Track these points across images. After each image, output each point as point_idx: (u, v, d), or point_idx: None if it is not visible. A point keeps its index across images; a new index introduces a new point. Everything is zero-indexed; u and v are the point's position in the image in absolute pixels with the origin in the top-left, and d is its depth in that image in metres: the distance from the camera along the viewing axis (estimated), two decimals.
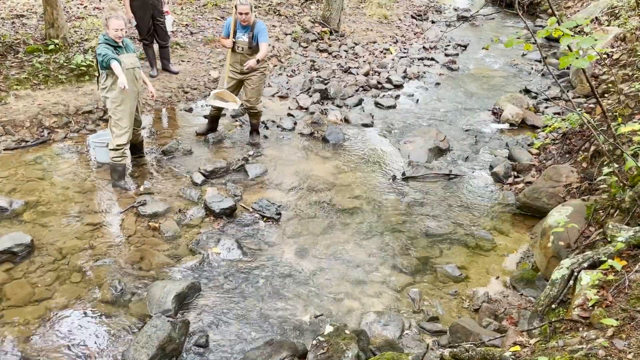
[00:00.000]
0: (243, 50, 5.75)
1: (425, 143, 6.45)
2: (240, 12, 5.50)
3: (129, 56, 4.89)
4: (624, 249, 3.13)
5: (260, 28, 5.69)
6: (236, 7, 5.50)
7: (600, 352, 2.35)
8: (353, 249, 4.59)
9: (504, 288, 4.19)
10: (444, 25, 12.72)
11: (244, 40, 5.71)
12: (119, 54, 4.76)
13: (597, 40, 2.93)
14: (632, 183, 3.89)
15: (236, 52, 5.79)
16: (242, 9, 5.49)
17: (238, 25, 5.66)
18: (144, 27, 7.40)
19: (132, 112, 5.03)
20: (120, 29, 4.71)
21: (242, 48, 5.74)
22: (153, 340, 3.18)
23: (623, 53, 7.81)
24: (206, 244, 4.50)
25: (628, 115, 5.39)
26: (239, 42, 5.72)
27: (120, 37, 4.75)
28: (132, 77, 4.89)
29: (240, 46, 5.74)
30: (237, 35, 5.70)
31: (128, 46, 4.95)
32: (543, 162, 6.03)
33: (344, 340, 3.15)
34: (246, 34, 5.69)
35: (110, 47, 4.72)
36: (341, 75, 9.03)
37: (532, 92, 8.60)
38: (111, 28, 4.68)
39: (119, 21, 4.69)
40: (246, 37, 5.69)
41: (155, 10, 7.30)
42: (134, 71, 4.93)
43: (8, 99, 6.37)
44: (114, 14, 4.73)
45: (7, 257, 4.06)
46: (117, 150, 5.04)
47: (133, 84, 4.90)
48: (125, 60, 4.80)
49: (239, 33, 5.70)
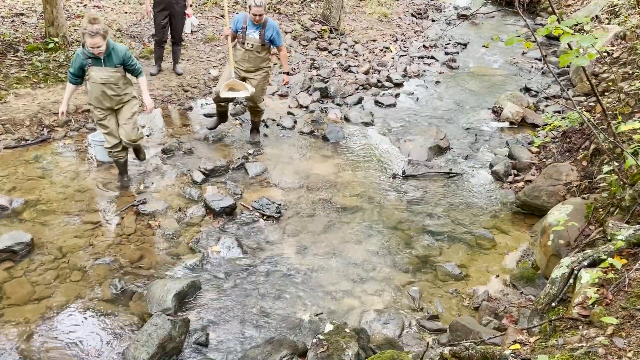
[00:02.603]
0: (253, 47, 5.68)
1: (425, 141, 6.45)
2: (254, 13, 5.42)
3: (102, 70, 4.54)
4: (623, 248, 3.13)
5: (272, 26, 5.64)
6: (250, 7, 5.43)
7: (600, 350, 2.35)
8: (353, 248, 4.59)
9: (504, 286, 4.20)
10: (444, 23, 12.70)
11: (255, 37, 5.64)
12: (92, 65, 4.51)
13: (597, 39, 2.93)
14: (632, 181, 3.89)
15: (245, 49, 5.71)
16: (256, 10, 5.41)
17: (249, 22, 5.60)
18: (157, 24, 7.34)
19: (107, 124, 4.84)
20: (97, 47, 4.33)
21: (252, 45, 5.67)
22: (153, 339, 3.19)
23: (623, 51, 7.81)
24: (206, 242, 4.51)
25: (628, 114, 5.39)
26: (249, 39, 5.65)
27: (100, 54, 4.41)
28: (101, 92, 4.62)
29: (251, 43, 5.66)
30: (248, 32, 5.63)
31: (111, 59, 4.55)
32: (543, 160, 6.03)
33: (344, 339, 3.15)
34: (257, 31, 5.62)
35: (83, 59, 4.48)
36: (341, 73, 9.03)
37: (532, 91, 8.59)
38: (87, 45, 4.36)
39: (93, 39, 4.26)
40: (257, 34, 5.63)
41: (172, 9, 7.19)
42: (104, 86, 4.60)
43: (8, 97, 6.36)
44: (89, 29, 4.24)
45: (7, 255, 4.06)
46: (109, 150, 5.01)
47: (100, 99, 4.67)
48: (95, 74, 4.53)
49: (250, 30, 5.63)
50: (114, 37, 8.59)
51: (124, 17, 9.70)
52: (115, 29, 8.98)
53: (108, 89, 4.64)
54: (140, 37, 8.98)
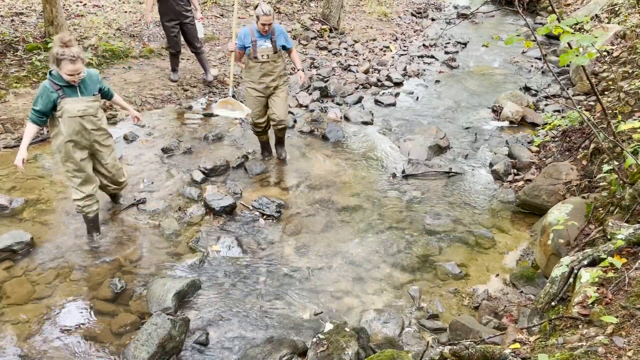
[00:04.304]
0: (269, 57, 5.34)
1: (425, 141, 6.45)
2: (263, 22, 5.11)
3: (78, 101, 3.89)
4: (623, 247, 3.13)
5: (280, 32, 5.38)
6: (258, 17, 5.12)
7: (599, 349, 2.35)
8: (353, 247, 4.59)
9: (503, 286, 4.20)
10: (443, 22, 12.70)
11: (268, 47, 5.31)
12: (65, 96, 3.83)
13: (597, 38, 2.93)
14: (632, 180, 3.89)
15: (261, 62, 5.34)
16: (265, 20, 5.09)
17: (257, 34, 5.28)
18: (169, 37, 7.29)
19: (85, 169, 4.15)
20: (77, 74, 3.76)
21: (267, 56, 5.33)
22: (153, 338, 3.19)
23: (623, 50, 7.80)
24: (206, 242, 4.51)
25: (628, 113, 5.39)
26: (261, 50, 5.30)
27: (75, 81, 3.81)
28: (79, 127, 3.94)
29: (265, 54, 5.32)
30: (259, 44, 5.28)
31: (87, 86, 3.94)
32: (543, 159, 6.03)
33: (344, 338, 3.15)
34: (268, 40, 5.31)
35: (53, 91, 3.79)
36: (341, 73, 9.03)
37: (532, 90, 8.59)
38: (64, 72, 3.72)
39: (75, 65, 3.70)
40: (269, 43, 5.31)
41: (181, 18, 7.11)
42: (82, 120, 3.93)
43: (7, 96, 6.36)
44: (68, 54, 3.65)
45: (7, 255, 4.07)
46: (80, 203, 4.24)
47: (80, 135, 3.97)
48: (70, 107, 3.85)
49: (260, 41, 5.29)
50: (114, 37, 8.59)
51: (124, 16, 9.69)
52: (115, 28, 8.98)
53: (87, 122, 3.97)
54: (140, 37, 8.98)
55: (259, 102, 5.52)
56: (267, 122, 5.76)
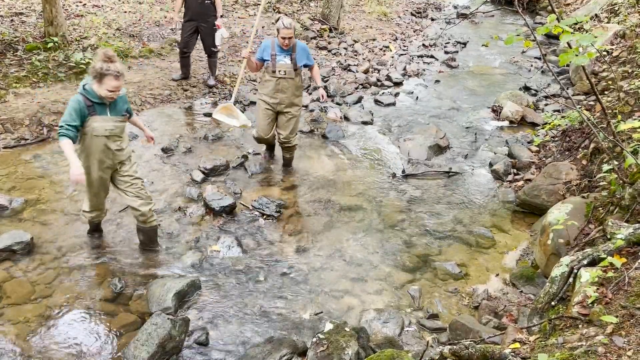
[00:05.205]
0: (286, 74, 5.18)
1: (424, 140, 6.45)
2: (283, 36, 4.97)
3: (107, 120, 3.74)
4: (623, 247, 3.13)
5: (302, 49, 5.24)
6: (278, 31, 4.98)
7: (599, 349, 2.35)
8: (353, 247, 4.59)
9: (503, 285, 4.20)
10: (443, 22, 12.70)
11: (287, 63, 5.16)
12: (95, 113, 3.68)
13: (596, 38, 2.93)
14: (631, 180, 3.89)
15: (278, 77, 5.19)
16: (285, 33, 4.95)
17: (277, 48, 5.13)
18: (182, 34, 7.29)
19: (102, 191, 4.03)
20: (117, 90, 3.65)
21: (284, 72, 5.17)
22: (153, 338, 3.19)
23: (623, 50, 7.80)
24: (206, 241, 4.51)
25: (628, 113, 5.39)
26: (280, 65, 5.14)
27: (113, 99, 3.71)
28: (103, 148, 3.78)
29: (283, 70, 5.16)
30: (278, 59, 5.14)
31: (117, 105, 3.82)
32: (543, 159, 6.03)
33: (343, 338, 3.15)
34: (288, 56, 5.16)
35: (85, 105, 3.63)
36: (341, 72, 9.03)
37: (531, 90, 8.59)
38: (104, 88, 3.59)
39: (118, 82, 3.60)
40: (288, 59, 5.16)
41: (200, 21, 7.10)
42: (107, 140, 3.78)
43: (7, 97, 6.36)
44: (113, 69, 3.56)
45: (7, 255, 4.06)
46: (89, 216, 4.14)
47: (104, 154, 3.80)
48: (98, 125, 3.70)
49: (280, 56, 5.14)
50: (114, 37, 8.59)
51: (123, 16, 9.69)
52: (115, 28, 8.98)
53: (112, 142, 3.82)
54: (140, 37, 8.97)
55: (267, 115, 5.36)
56: (273, 139, 5.63)
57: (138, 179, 4.08)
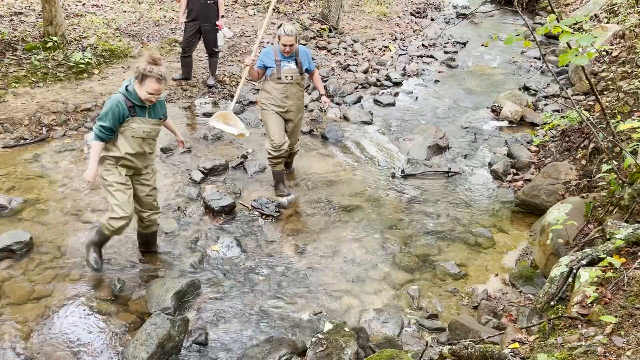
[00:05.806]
0: (293, 79, 5.07)
1: (424, 140, 6.45)
2: (284, 43, 4.85)
3: (146, 122, 3.74)
4: (622, 246, 3.13)
5: (305, 53, 5.15)
6: (279, 38, 4.88)
7: (599, 349, 2.35)
8: (352, 247, 4.59)
9: (503, 285, 4.20)
10: (443, 22, 12.70)
11: (293, 68, 5.05)
12: (135, 114, 3.67)
13: (596, 38, 2.93)
14: (631, 180, 3.89)
15: (285, 84, 5.05)
16: (287, 40, 4.83)
17: (281, 55, 5.01)
18: (185, 34, 7.29)
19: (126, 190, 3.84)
20: (158, 93, 3.63)
21: (291, 77, 5.05)
22: (152, 338, 3.19)
23: (622, 50, 7.81)
24: (205, 241, 4.51)
25: (627, 113, 5.40)
26: (286, 71, 5.01)
27: (153, 102, 3.69)
28: (138, 148, 3.77)
29: (290, 75, 5.04)
30: (283, 65, 5.01)
31: (156, 109, 3.82)
32: (542, 159, 6.03)
33: (343, 338, 3.15)
34: (292, 62, 5.06)
35: (125, 106, 3.60)
36: (340, 72, 9.02)
37: (531, 90, 8.59)
38: (145, 90, 3.57)
39: (159, 85, 3.57)
40: (293, 64, 5.05)
41: (203, 21, 7.10)
42: (143, 142, 3.79)
43: (7, 96, 6.36)
44: (156, 71, 3.54)
45: (6, 254, 4.06)
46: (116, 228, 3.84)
47: (136, 157, 3.79)
48: (137, 126, 3.70)
49: (284, 62, 5.02)
50: (113, 36, 8.59)
51: (123, 16, 9.69)
52: (114, 28, 8.97)
53: (147, 145, 3.83)
54: (139, 36, 8.97)
55: (279, 121, 5.14)
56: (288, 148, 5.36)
57: (155, 190, 4.08)
